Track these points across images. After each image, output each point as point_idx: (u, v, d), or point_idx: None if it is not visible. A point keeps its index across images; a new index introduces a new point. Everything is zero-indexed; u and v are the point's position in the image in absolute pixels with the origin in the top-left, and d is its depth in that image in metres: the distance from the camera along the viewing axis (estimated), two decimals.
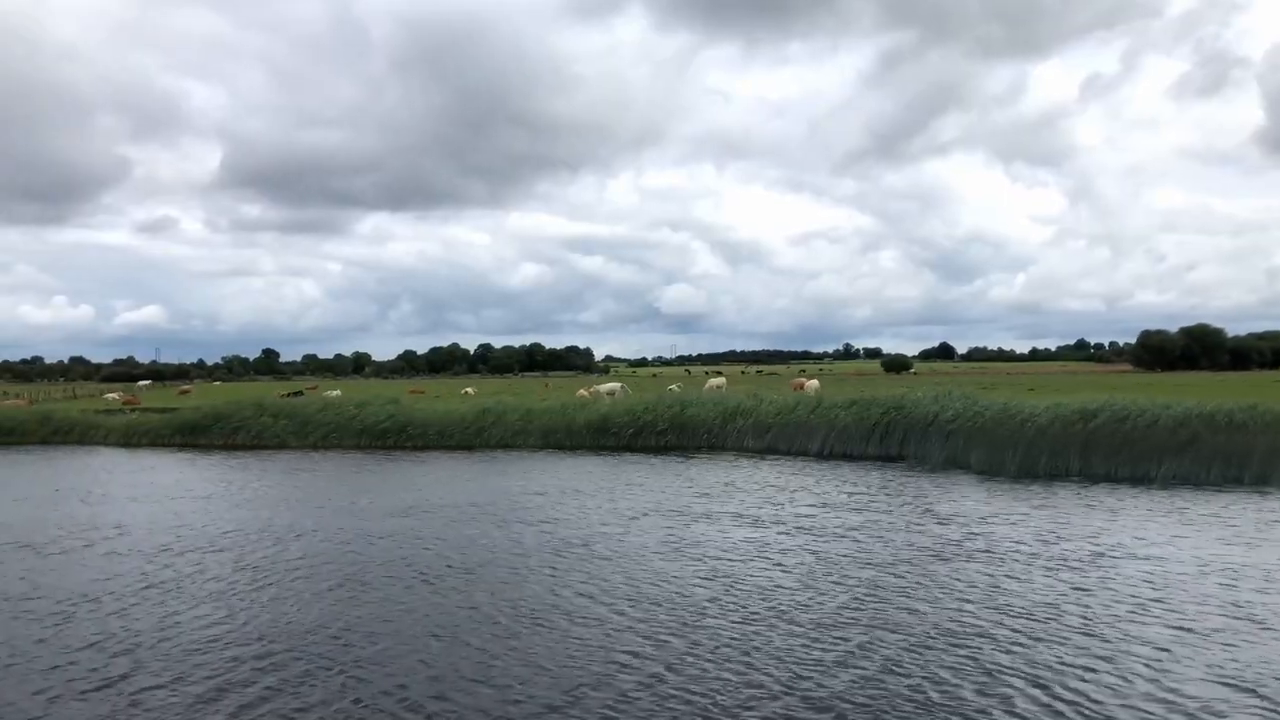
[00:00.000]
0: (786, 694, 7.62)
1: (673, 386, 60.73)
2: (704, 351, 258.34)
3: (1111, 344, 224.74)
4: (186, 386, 77.49)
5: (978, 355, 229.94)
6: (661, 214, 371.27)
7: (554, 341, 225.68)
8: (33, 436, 38.83)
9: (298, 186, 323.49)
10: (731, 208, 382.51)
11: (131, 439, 37.32)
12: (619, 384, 48.63)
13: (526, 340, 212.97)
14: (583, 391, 48.56)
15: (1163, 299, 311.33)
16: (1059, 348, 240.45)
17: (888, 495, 18.72)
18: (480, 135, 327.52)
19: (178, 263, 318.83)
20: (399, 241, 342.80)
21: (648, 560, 12.72)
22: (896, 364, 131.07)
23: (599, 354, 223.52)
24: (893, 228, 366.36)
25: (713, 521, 15.60)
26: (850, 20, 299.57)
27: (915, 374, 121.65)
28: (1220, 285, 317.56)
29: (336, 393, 52.67)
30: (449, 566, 12.56)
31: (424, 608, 10.46)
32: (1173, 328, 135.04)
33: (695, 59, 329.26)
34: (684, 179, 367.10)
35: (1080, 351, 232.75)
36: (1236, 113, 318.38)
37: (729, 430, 31.27)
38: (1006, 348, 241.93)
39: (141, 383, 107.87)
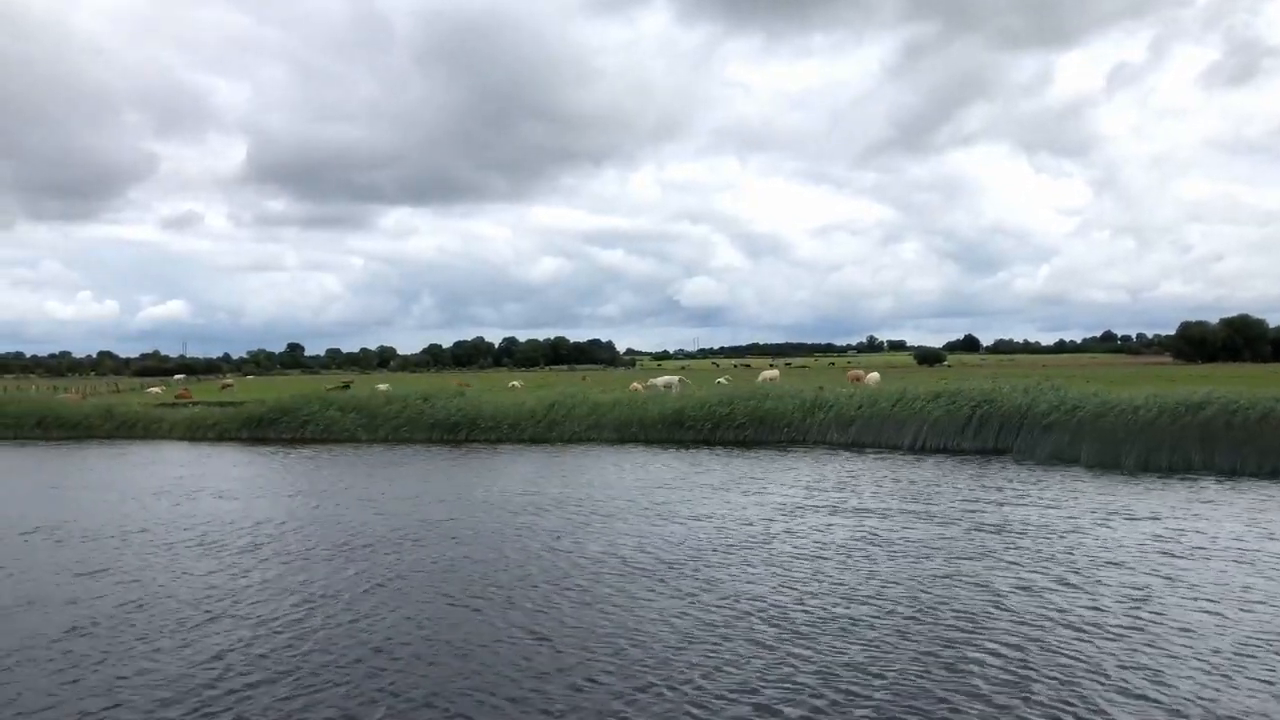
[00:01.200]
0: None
1: (720, 380, 60.33)
2: (725, 344, 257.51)
3: (1140, 335, 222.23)
4: (228, 380, 77.63)
5: (1004, 347, 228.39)
6: (682, 207, 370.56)
7: (574, 335, 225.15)
8: (98, 431, 38.73)
9: (320, 181, 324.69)
10: (752, 200, 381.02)
11: (196, 433, 37.13)
12: (677, 377, 48.17)
13: (547, 334, 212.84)
14: (635, 385, 48.13)
15: (1189, 290, 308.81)
16: (1084, 339, 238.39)
17: (1035, 490, 18.13)
18: (502, 129, 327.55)
19: (202, 257, 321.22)
20: (420, 236, 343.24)
21: (858, 558, 12.18)
22: (929, 356, 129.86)
23: (620, 347, 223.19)
24: (914, 219, 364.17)
25: (887, 518, 15.04)
26: (873, 11, 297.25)
27: (949, 366, 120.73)
28: (1247, 275, 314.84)
29: (386, 386, 52.46)
30: (659, 563, 12.06)
31: (671, 608, 9.95)
32: (1199, 319, 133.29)
33: (717, 51, 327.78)
34: (705, 172, 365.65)
35: (1107, 343, 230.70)
36: (1265, 101, 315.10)
37: (809, 424, 30.83)
38: (1031, 339, 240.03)
39: (177, 377, 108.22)
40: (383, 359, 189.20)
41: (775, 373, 52.65)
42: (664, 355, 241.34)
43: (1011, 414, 27.49)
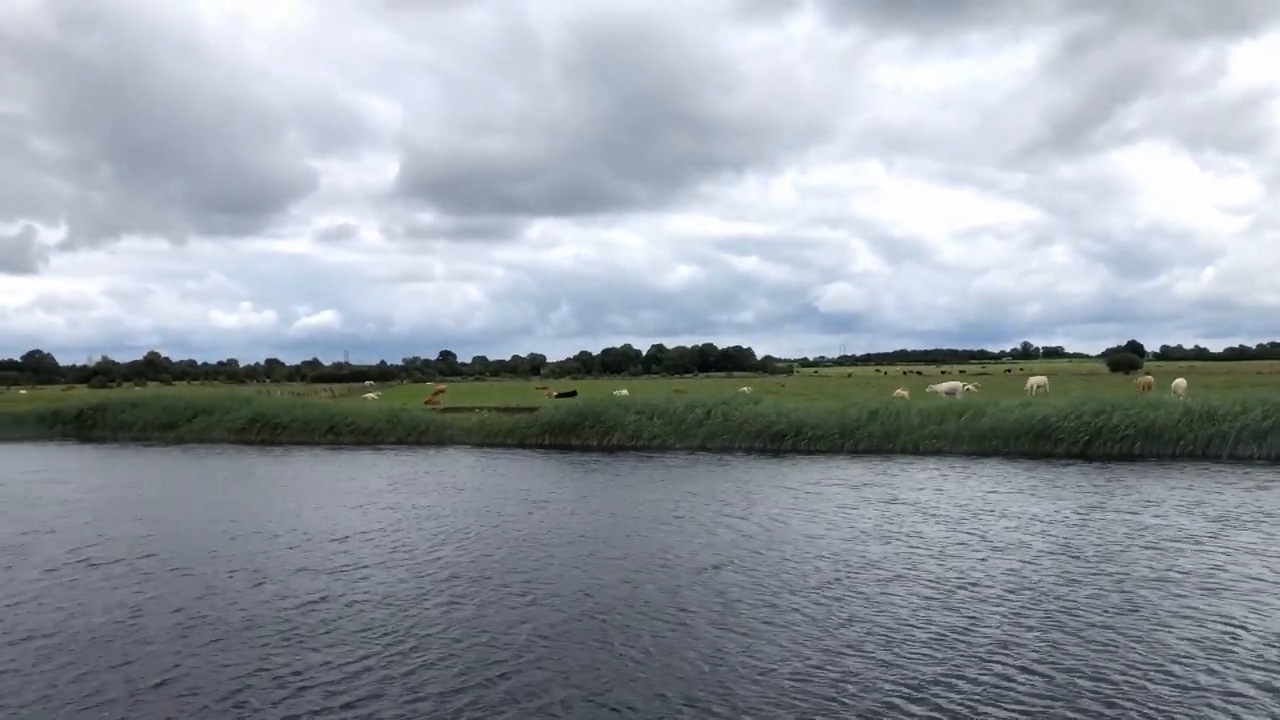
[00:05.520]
0: None
1: (969, 386, 56.86)
2: (867, 351, 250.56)
3: None
4: (441, 387, 78.83)
5: (1172, 354, 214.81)
6: (819, 212, 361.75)
7: (712, 342, 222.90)
8: (388, 436, 38.70)
9: (468, 194, 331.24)
10: (893, 204, 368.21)
11: (491, 438, 36.68)
12: (960, 384, 45.34)
13: (683, 341, 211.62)
14: (901, 391, 45.40)
15: None
16: (1259, 345, 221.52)
17: None
18: (646, 138, 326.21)
19: (355, 269, 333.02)
20: (561, 246, 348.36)
21: None
22: (1124, 363, 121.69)
23: (757, 354, 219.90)
24: (1065, 221, 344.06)
25: None
26: (1035, 6, 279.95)
27: (1148, 373, 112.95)
28: None
29: (624, 392, 51.41)
30: None
31: None
32: None
33: (867, 53, 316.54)
34: (847, 175, 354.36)
35: None
36: None
37: (1204, 436, 27.62)
38: (1199, 345, 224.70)
39: (368, 382, 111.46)
40: (534, 366, 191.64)
41: (1044, 379, 48.98)
42: (803, 362, 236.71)
43: None
